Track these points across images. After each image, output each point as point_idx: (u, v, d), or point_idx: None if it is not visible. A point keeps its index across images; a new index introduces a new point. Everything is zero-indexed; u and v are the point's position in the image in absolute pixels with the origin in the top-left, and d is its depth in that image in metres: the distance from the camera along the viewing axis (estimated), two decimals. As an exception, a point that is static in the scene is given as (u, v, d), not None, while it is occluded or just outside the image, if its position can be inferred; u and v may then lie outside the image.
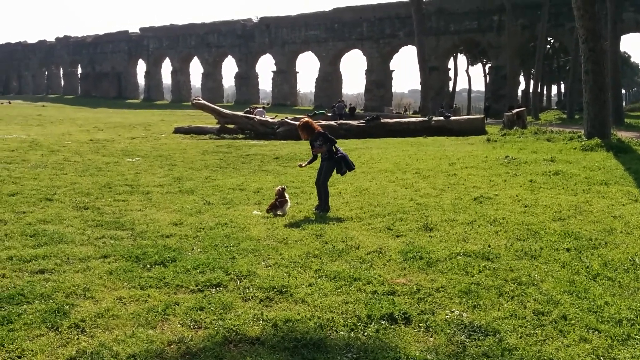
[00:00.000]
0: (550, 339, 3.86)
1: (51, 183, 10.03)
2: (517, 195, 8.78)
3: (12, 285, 4.81)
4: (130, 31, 79.01)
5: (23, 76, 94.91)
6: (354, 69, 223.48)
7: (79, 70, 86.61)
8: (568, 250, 5.83)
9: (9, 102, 58.43)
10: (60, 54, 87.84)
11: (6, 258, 5.54)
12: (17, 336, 3.86)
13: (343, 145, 16.90)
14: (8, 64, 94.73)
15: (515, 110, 25.70)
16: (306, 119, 8.74)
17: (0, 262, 5.44)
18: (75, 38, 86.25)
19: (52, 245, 6.06)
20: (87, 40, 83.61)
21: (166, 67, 77.82)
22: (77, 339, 3.85)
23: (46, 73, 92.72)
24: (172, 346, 3.77)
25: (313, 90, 65.20)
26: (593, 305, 4.36)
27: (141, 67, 79.58)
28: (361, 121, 22.75)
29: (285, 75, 64.85)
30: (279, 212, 7.81)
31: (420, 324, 4.10)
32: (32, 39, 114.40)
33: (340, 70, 64.19)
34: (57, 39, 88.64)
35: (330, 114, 34.32)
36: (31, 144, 16.26)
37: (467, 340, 3.85)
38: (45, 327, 4.00)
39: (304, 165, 8.56)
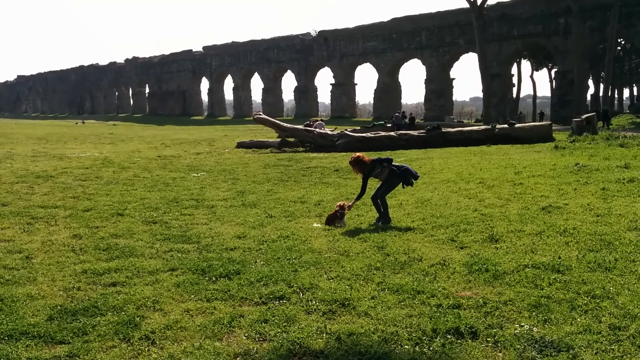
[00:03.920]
0: (628, 355, 3.66)
1: (122, 199, 10.46)
2: (588, 204, 8.42)
3: (87, 298, 5.02)
4: (194, 50, 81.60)
5: (95, 97, 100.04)
6: (413, 79, 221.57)
7: (147, 90, 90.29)
8: (646, 261, 5.53)
9: (83, 122, 61.62)
10: (129, 74, 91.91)
11: (81, 271, 5.80)
12: (92, 347, 4.01)
13: (403, 156, 16.82)
14: (81, 86, 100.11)
15: (584, 116, 24.65)
16: (357, 153, 8.40)
17: (76, 275, 5.71)
18: (143, 59, 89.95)
19: (123, 258, 6.30)
20: (154, 61, 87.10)
21: (228, 83, 79.91)
22: (148, 350, 3.97)
23: (116, 93, 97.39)
24: (238, 359, 3.83)
25: (372, 102, 65.09)
26: (676, 321, 4.11)
27: (204, 84, 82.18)
28: (421, 131, 22.48)
29: (343, 88, 65.05)
30: (337, 224, 7.83)
31: (488, 339, 3.98)
32: (103, 61, 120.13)
33: (399, 80, 63.73)
34: (126, 60, 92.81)
35: (389, 125, 34.17)
36: (103, 161, 17.02)
37: (538, 356, 3.70)
38: (117, 339, 4.15)
39: (351, 204, 8.20)
